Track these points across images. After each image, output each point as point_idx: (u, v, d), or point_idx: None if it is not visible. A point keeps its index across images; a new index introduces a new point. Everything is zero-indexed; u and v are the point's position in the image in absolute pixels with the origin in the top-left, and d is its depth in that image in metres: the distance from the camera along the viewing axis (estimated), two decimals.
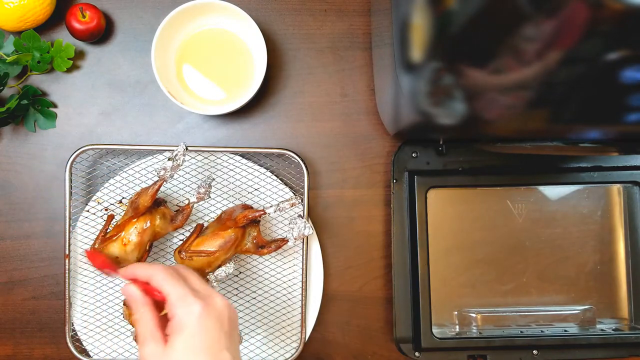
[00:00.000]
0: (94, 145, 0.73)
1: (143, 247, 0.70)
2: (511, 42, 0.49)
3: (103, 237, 0.70)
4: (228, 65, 0.76)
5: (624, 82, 0.48)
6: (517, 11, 0.46)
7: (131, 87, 0.78)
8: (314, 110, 0.79)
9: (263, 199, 0.77)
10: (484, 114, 0.57)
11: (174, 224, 0.72)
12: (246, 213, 0.70)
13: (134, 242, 0.69)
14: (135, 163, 0.76)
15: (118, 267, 0.66)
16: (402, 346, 0.75)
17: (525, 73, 0.50)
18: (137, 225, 0.69)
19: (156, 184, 0.68)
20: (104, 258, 0.66)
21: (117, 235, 0.69)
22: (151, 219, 0.70)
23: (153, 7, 0.78)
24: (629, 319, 0.77)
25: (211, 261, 0.70)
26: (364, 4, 0.79)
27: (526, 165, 0.76)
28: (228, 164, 0.76)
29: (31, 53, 0.74)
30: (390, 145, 0.79)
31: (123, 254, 0.69)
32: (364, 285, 0.79)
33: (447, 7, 0.50)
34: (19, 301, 0.78)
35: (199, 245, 0.70)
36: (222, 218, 0.72)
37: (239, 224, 0.70)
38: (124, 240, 0.69)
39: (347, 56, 0.79)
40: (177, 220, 0.72)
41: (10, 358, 0.78)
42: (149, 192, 0.68)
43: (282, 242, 0.72)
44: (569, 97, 0.51)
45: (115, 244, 0.69)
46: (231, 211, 0.72)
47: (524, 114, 0.55)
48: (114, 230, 0.70)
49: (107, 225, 0.72)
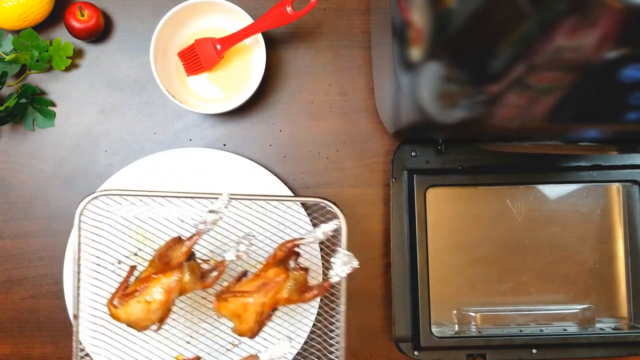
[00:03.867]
0: (107, 191, 0.67)
1: (168, 307, 0.63)
2: (511, 42, 0.48)
3: (123, 293, 0.63)
4: (227, 64, 0.76)
5: (624, 81, 0.48)
6: (516, 10, 0.46)
7: (130, 86, 0.78)
8: (313, 109, 0.79)
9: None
10: (485, 114, 0.57)
11: (204, 282, 0.64)
12: (284, 242, 0.64)
13: (159, 301, 0.61)
14: (156, 209, 0.71)
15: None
16: (402, 345, 0.75)
17: (525, 73, 0.50)
18: (164, 282, 0.61)
19: (192, 238, 0.62)
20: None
21: (140, 291, 0.62)
22: (179, 275, 0.62)
23: (152, 6, 0.78)
24: (628, 318, 0.77)
25: (247, 305, 0.63)
26: (363, 3, 0.79)
27: (525, 164, 0.76)
28: (259, 207, 0.72)
29: (30, 52, 0.74)
30: (390, 144, 0.79)
31: (145, 313, 0.62)
32: (364, 284, 0.78)
33: (446, 6, 0.50)
34: (17, 300, 0.78)
35: (235, 287, 0.64)
36: (264, 265, 0.66)
37: (278, 257, 0.64)
38: (148, 298, 0.61)
39: (346, 55, 0.79)
40: (208, 278, 0.64)
41: (9, 357, 0.77)
42: (184, 247, 0.61)
43: (326, 284, 0.65)
44: (570, 96, 0.51)
45: (137, 301, 0.62)
46: (273, 254, 0.66)
47: (524, 114, 0.55)
48: (135, 284, 0.63)
49: (127, 278, 0.66)
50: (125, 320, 0.64)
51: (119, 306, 0.63)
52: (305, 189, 0.78)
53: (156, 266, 0.63)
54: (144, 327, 0.65)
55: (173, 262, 0.62)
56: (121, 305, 0.63)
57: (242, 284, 0.65)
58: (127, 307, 0.62)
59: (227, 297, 0.63)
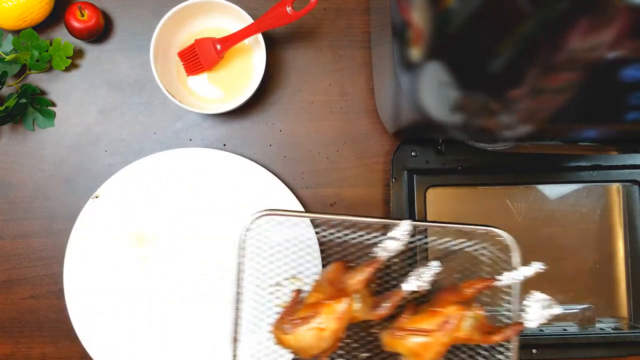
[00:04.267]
0: (274, 211, 0.64)
1: (338, 335, 0.60)
2: (511, 42, 0.48)
3: (291, 319, 0.60)
4: (227, 64, 0.76)
5: (624, 81, 0.48)
6: (516, 10, 0.46)
7: (130, 86, 0.78)
8: (313, 109, 0.79)
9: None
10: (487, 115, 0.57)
11: (377, 313, 0.60)
12: (476, 281, 0.60)
13: (332, 329, 0.58)
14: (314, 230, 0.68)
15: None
16: None
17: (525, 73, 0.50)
18: (336, 308, 0.58)
19: (371, 265, 0.59)
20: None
21: (311, 317, 0.59)
22: (351, 302, 0.59)
23: (152, 5, 0.78)
24: (628, 318, 0.77)
25: (428, 345, 0.59)
26: (363, 3, 0.79)
27: (525, 164, 0.76)
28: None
29: (30, 52, 0.74)
30: (390, 144, 0.79)
31: (316, 341, 0.59)
32: None
33: (446, 6, 0.50)
34: (17, 300, 0.78)
35: (412, 324, 0.60)
36: (436, 294, 0.63)
37: (463, 295, 0.60)
38: (321, 325, 0.58)
39: (346, 55, 0.79)
40: (381, 308, 0.60)
41: (9, 357, 0.77)
42: (361, 275, 0.58)
43: (519, 327, 0.60)
44: (570, 97, 0.51)
45: (308, 328, 0.59)
46: (452, 287, 0.62)
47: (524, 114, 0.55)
48: (304, 309, 0.61)
49: (294, 304, 0.63)
50: (294, 347, 0.62)
51: (289, 332, 0.60)
52: (305, 189, 0.78)
53: (325, 292, 0.61)
54: (310, 355, 0.62)
55: (348, 289, 0.59)
56: (291, 331, 0.60)
57: (417, 319, 0.60)
58: (298, 333, 0.59)
59: (404, 334, 0.59)
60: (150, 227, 0.76)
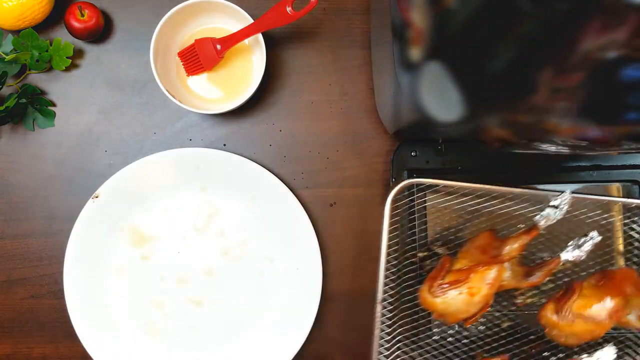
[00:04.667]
0: (424, 179, 0.64)
1: (487, 301, 0.62)
2: (511, 42, 0.48)
3: (441, 283, 0.62)
4: (227, 64, 0.76)
5: (624, 80, 0.48)
6: (516, 10, 0.46)
7: (130, 86, 0.78)
8: (313, 109, 0.79)
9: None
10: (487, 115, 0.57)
11: (529, 281, 0.63)
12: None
13: (483, 294, 0.60)
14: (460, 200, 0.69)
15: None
16: None
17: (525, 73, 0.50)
18: (488, 274, 0.60)
19: (530, 233, 0.60)
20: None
21: (461, 282, 0.61)
22: (503, 269, 0.61)
23: (152, 5, 0.78)
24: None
25: (595, 330, 0.62)
26: (363, 3, 0.79)
27: (525, 164, 0.76)
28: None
29: (30, 52, 0.74)
30: (390, 144, 0.79)
31: (465, 305, 0.61)
32: (364, 284, 0.78)
33: (446, 6, 0.50)
34: (17, 300, 0.78)
35: (582, 309, 0.62)
36: (607, 278, 0.64)
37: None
38: (473, 290, 0.60)
39: (346, 55, 0.79)
40: (535, 276, 0.63)
41: (9, 357, 0.77)
42: (518, 243, 0.60)
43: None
44: (572, 97, 0.51)
45: (459, 292, 0.61)
46: (626, 272, 0.63)
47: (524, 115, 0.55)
48: (453, 274, 0.62)
49: (443, 269, 0.64)
50: (442, 311, 0.63)
51: (438, 295, 0.61)
52: (305, 189, 0.78)
53: (473, 259, 0.62)
54: (457, 320, 0.64)
55: (500, 256, 0.60)
56: (440, 295, 0.61)
57: (585, 305, 0.62)
58: (447, 297, 0.61)
59: (573, 318, 0.61)
60: (150, 227, 0.76)
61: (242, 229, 0.77)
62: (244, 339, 0.77)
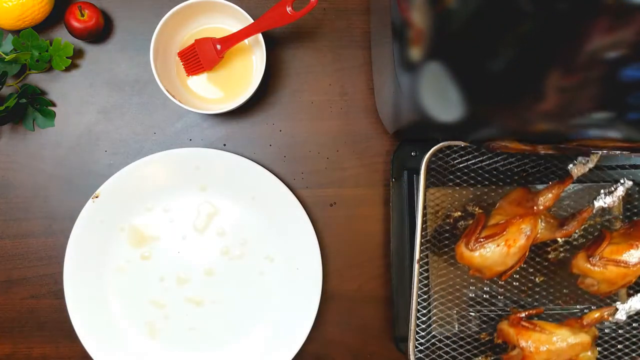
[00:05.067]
0: (451, 143, 0.67)
1: (524, 253, 0.64)
2: (511, 42, 0.48)
3: (477, 238, 0.64)
4: (227, 64, 0.76)
5: (624, 80, 0.48)
6: (516, 10, 0.46)
7: (130, 86, 0.78)
8: (313, 109, 0.79)
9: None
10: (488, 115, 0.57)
11: (563, 231, 0.64)
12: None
13: (520, 245, 0.62)
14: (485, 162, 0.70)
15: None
16: (402, 345, 0.75)
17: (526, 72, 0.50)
18: (524, 226, 0.62)
19: (564, 182, 0.62)
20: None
21: (497, 235, 0.63)
22: (537, 221, 0.63)
23: (152, 5, 0.78)
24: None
25: (627, 275, 0.63)
26: (363, 2, 0.79)
27: (525, 164, 0.76)
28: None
29: (30, 52, 0.74)
30: (390, 144, 0.79)
31: (502, 257, 0.63)
32: (363, 284, 0.78)
33: (446, 6, 0.50)
34: (17, 300, 0.78)
35: (614, 254, 0.63)
36: (636, 226, 0.66)
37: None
38: (509, 242, 0.62)
39: (346, 55, 0.79)
40: (569, 225, 0.64)
41: (9, 357, 0.77)
42: (553, 191, 0.62)
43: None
44: (571, 97, 0.51)
45: (496, 244, 0.62)
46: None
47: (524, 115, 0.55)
48: (488, 229, 0.64)
49: (479, 225, 0.66)
50: (479, 264, 0.65)
51: (474, 249, 0.63)
52: (305, 189, 0.78)
53: (507, 213, 0.63)
54: (494, 274, 0.66)
55: (535, 209, 0.62)
56: (477, 248, 0.63)
57: (618, 251, 0.64)
58: (484, 250, 0.63)
59: (607, 264, 0.63)
60: (150, 227, 0.76)
61: (242, 229, 0.77)
62: (244, 339, 0.77)
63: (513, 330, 0.66)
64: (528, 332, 0.65)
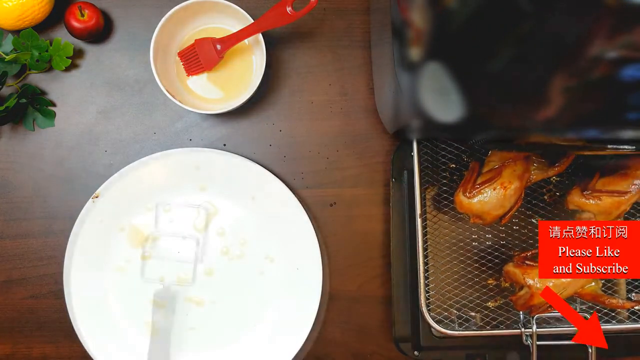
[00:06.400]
0: None
1: (520, 194, 0.67)
2: (511, 42, 0.48)
3: (473, 185, 0.66)
4: (227, 64, 0.76)
5: (624, 81, 0.48)
6: (515, 9, 0.46)
7: (130, 86, 0.78)
8: (313, 109, 0.79)
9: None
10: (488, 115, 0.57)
11: (555, 168, 0.67)
12: None
13: (515, 187, 0.65)
14: None
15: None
16: (401, 345, 0.75)
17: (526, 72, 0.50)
18: (517, 168, 0.65)
19: None
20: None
21: (493, 179, 0.65)
22: (527, 161, 0.66)
23: (152, 5, 0.78)
24: (628, 318, 0.77)
25: (620, 203, 0.66)
26: (363, 3, 0.79)
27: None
28: None
29: (30, 52, 0.74)
30: (389, 144, 0.79)
31: (500, 200, 0.65)
32: (363, 284, 0.78)
33: (446, 6, 0.50)
34: (17, 300, 0.78)
35: (606, 186, 0.66)
36: (625, 159, 0.68)
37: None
38: (505, 184, 0.65)
39: (346, 55, 0.79)
40: (561, 162, 0.68)
41: (9, 357, 0.77)
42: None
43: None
44: (571, 97, 0.51)
45: (492, 187, 0.65)
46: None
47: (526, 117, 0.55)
48: (483, 176, 0.67)
49: (474, 173, 0.68)
50: (478, 210, 0.67)
51: (473, 196, 0.65)
52: (305, 189, 0.78)
53: (499, 159, 0.66)
54: (494, 218, 0.68)
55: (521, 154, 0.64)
56: (475, 194, 0.65)
57: (608, 182, 0.66)
58: (482, 195, 0.65)
59: (600, 195, 0.65)
60: (150, 227, 0.76)
61: (242, 229, 0.77)
62: (244, 339, 0.77)
63: (519, 270, 0.68)
64: (533, 269, 0.67)
